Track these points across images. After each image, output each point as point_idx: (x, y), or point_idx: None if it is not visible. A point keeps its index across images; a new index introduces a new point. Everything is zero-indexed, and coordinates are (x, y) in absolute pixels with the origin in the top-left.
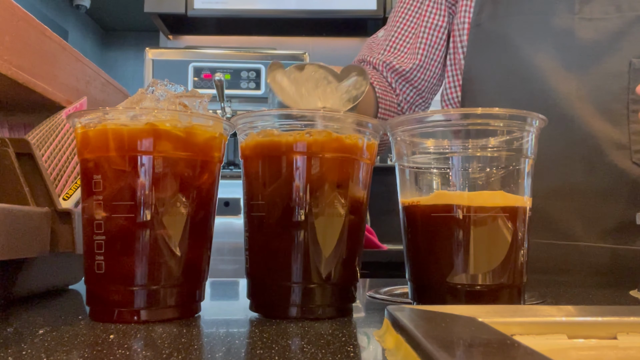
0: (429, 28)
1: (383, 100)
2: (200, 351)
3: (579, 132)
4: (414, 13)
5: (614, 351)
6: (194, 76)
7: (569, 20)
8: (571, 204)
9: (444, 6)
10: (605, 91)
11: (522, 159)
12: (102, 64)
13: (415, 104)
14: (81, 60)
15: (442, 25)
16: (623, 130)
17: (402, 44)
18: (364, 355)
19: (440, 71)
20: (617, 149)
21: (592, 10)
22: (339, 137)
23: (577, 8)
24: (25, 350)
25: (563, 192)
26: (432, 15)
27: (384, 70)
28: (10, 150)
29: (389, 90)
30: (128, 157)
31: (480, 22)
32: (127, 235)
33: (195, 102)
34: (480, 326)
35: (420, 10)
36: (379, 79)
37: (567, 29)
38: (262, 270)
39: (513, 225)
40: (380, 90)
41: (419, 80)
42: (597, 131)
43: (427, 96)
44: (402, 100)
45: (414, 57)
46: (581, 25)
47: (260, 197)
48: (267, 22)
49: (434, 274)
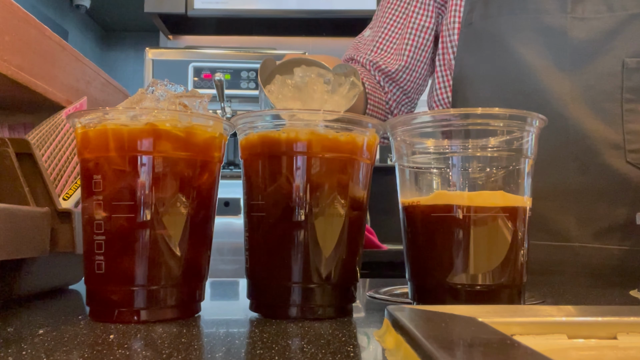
0: (415, 29)
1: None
2: (200, 351)
3: (572, 132)
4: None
5: (614, 351)
6: (194, 76)
7: (561, 19)
8: (565, 205)
9: (431, 7)
10: (599, 91)
11: (522, 159)
12: (102, 64)
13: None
14: (81, 60)
15: (428, 27)
16: (617, 130)
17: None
18: (364, 355)
19: (426, 72)
20: (611, 149)
21: (584, 10)
22: (337, 137)
23: (570, 7)
24: (25, 350)
25: (556, 193)
26: (419, 16)
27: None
28: (10, 150)
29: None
30: (128, 157)
31: (471, 22)
32: (127, 235)
33: (195, 102)
34: (480, 326)
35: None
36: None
37: (559, 28)
38: (262, 270)
39: (513, 225)
40: (369, 86)
41: (405, 81)
42: (591, 131)
43: (413, 96)
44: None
45: (400, 58)
46: (574, 25)
47: (260, 197)
48: (267, 22)
49: (434, 274)
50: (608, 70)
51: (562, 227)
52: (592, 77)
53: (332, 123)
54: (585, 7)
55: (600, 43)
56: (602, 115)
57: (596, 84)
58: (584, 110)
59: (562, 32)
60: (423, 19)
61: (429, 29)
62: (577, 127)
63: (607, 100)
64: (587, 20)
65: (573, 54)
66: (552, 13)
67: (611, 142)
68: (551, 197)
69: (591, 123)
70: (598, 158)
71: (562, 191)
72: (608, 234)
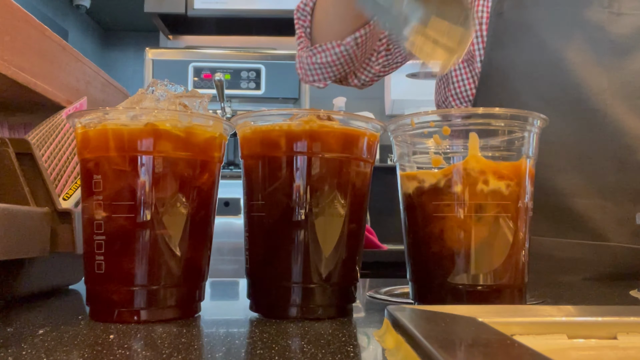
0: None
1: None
2: (200, 351)
3: (610, 129)
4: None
5: (614, 351)
6: (194, 76)
7: (599, 13)
8: (602, 203)
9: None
10: (637, 87)
11: (524, 159)
12: (102, 64)
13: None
14: (81, 60)
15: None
16: None
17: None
18: (364, 355)
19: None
20: None
21: (621, 5)
22: (336, 134)
23: (607, 2)
24: (25, 350)
25: (593, 191)
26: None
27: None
28: (10, 150)
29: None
30: (128, 157)
31: (502, 11)
32: (127, 235)
33: (195, 102)
34: (480, 326)
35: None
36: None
37: (597, 22)
38: (262, 270)
39: (514, 225)
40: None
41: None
42: (629, 128)
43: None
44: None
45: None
46: (611, 20)
47: (260, 197)
48: (267, 22)
49: (436, 274)
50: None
51: (599, 225)
52: (630, 73)
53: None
54: (621, 3)
55: (637, 39)
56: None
57: (634, 81)
58: (622, 107)
59: (600, 27)
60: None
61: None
62: (615, 124)
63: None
64: (623, 15)
65: (610, 49)
66: (590, 7)
67: None
68: (587, 195)
69: (630, 120)
70: (635, 155)
71: (598, 189)
72: None
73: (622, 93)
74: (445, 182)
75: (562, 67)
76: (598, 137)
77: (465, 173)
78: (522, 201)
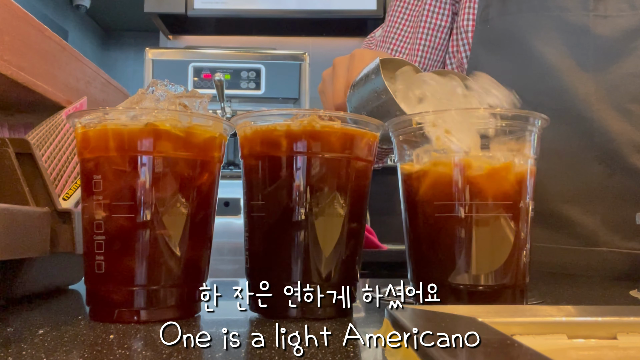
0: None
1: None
2: (200, 351)
3: (597, 134)
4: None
5: (614, 351)
6: (194, 76)
7: (584, 17)
8: (590, 208)
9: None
10: (624, 92)
11: (525, 158)
12: (102, 64)
13: None
14: (81, 60)
15: (444, 26)
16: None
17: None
18: (364, 355)
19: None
20: (637, 152)
21: (607, 8)
22: (337, 134)
23: (592, 5)
24: (25, 350)
25: (581, 196)
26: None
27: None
28: (10, 150)
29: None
30: (128, 157)
31: (487, 18)
32: (127, 235)
33: (195, 102)
34: (480, 326)
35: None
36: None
37: (582, 27)
38: (262, 270)
39: (516, 225)
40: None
41: None
42: (616, 133)
43: None
44: None
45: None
46: (596, 23)
47: (260, 197)
48: (267, 22)
49: (436, 274)
50: (633, 71)
51: (589, 231)
52: (617, 77)
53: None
54: (607, 5)
55: (624, 42)
56: (627, 117)
57: (621, 85)
58: (609, 111)
59: (585, 31)
60: (439, 17)
61: (445, 28)
62: (602, 129)
63: (632, 101)
64: (610, 18)
65: (596, 53)
66: (574, 11)
67: (637, 144)
68: (576, 200)
69: (617, 125)
70: (624, 160)
71: (586, 194)
72: (636, 237)
73: (609, 98)
74: (446, 182)
75: (548, 74)
76: (586, 143)
77: (466, 173)
78: (523, 201)
